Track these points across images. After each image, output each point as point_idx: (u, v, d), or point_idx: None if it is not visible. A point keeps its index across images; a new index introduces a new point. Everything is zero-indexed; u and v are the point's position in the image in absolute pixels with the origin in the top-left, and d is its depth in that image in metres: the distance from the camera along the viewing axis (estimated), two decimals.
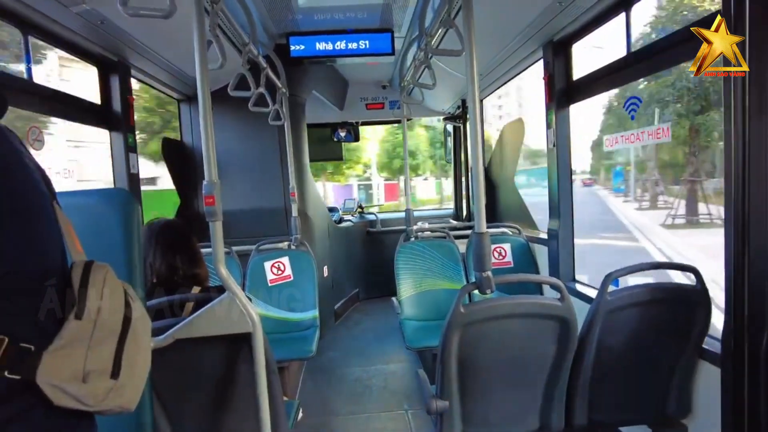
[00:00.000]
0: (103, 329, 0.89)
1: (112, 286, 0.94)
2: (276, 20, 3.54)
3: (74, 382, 0.84)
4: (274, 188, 4.16)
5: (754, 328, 1.58)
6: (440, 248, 3.61)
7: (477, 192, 1.75)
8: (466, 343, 1.66)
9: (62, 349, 0.84)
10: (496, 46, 3.36)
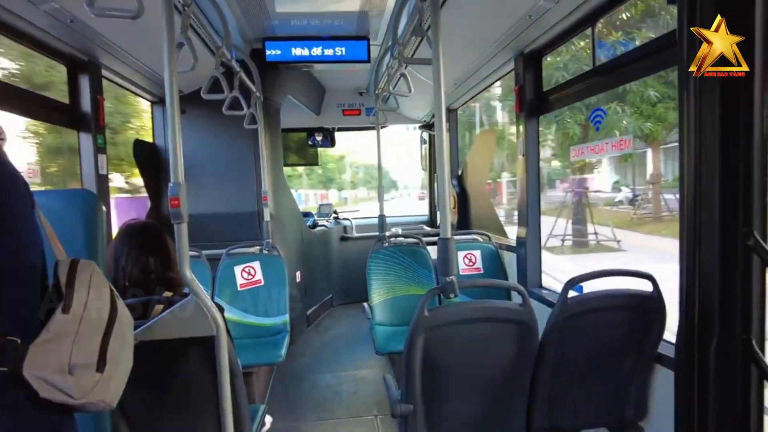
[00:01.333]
0: (88, 324, 0.92)
1: (98, 283, 0.98)
2: (252, 25, 3.55)
3: (61, 374, 0.86)
4: (247, 192, 4.13)
5: (704, 334, 1.64)
6: (412, 254, 3.64)
7: (442, 199, 1.79)
8: (430, 346, 1.69)
9: (49, 343, 0.87)
10: (469, 56, 3.43)
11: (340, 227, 5.95)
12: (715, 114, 1.57)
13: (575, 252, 11.54)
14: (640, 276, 1.90)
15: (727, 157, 1.56)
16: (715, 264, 1.60)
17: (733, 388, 1.60)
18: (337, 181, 35.98)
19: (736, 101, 1.53)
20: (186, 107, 3.93)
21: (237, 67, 2.97)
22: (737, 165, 1.55)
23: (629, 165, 20.85)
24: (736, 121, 1.54)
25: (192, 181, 4.00)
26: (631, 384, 1.96)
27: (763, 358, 1.53)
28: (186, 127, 3.96)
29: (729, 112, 1.55)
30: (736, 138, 1.54)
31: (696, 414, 1.68)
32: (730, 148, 1.56)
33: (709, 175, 1.60)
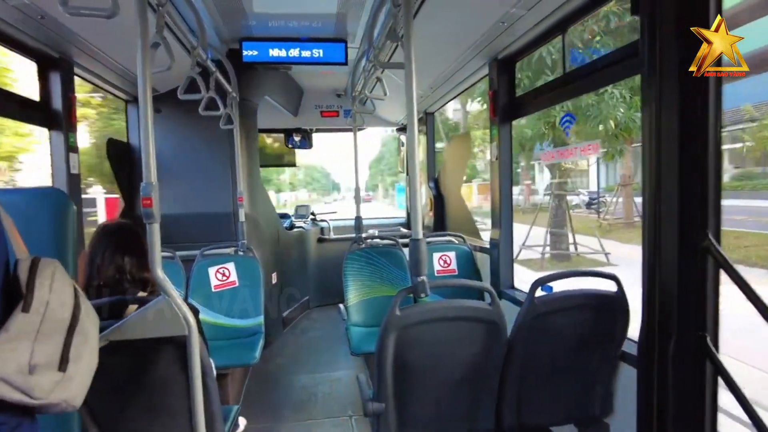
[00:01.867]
0: (50, 322, 0.91)
1: (61, 281, 0.96)
2: (229, 25, 3.53)
3: (20, 374, 0.85)
4: (222, 192, 4.10)
5: (664, 332, 1.72)
6: (388, 256, 3.67)
7: (413, 201, 1.82)
8: (402, 346, 1.72)
9: (8, 342, 0.85)
10: (444, 61, 3.49)
11: (317, 229, 5.94)
12: (675, 122, 1.65)
13: (559, 267, 10.56)
14: (605, 277, 1.96)
15: (685, 163, 1.64)
16: (675, 265, 1.68)
17: (690, 384, 1.67)
18: (274, 182, 35.62)
19: (694, 111, 1.61)
20: (161, 106, 3.89)
21: (213, 68, 2.96)
22: (694, 171, 1.62)
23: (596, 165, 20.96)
24: (693, 129, 1.62)
25: (167, 180, 3.98)
26: (597, 381, 2.02)
27: (716, 354, 1.60)
28: (161, 126, 3.92)
29: (687, 120, 1.63)
30: (694, 145, 1.62)
31: (656, 409, 1.75)
32: (688, 154, 1.63)
33: (669, 181, 1.67)
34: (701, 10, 1.57)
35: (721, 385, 1.62)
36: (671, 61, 1.65)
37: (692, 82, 1.60)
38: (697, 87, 1.60)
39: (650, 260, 1.75)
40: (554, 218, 11.07)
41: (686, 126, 1.63)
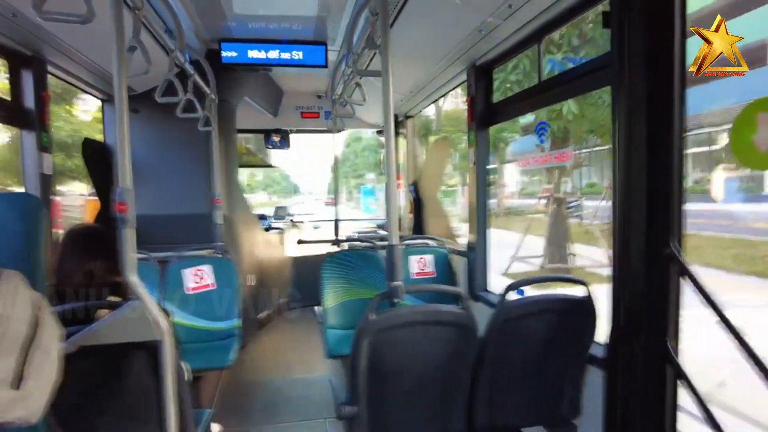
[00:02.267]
0: (10, 338, 0.88)
1: (23, 295, 0.93)
2: (208, 26, 3.51)
3: None
4: (200, 194, 4.05)
5: (631, 336, 1.77)
6: (367, 258, 3.69)
7: (389, 206, 1.84)
8: (376, 349, 1.74)
9: None
10: (423, 67, 3.52)
11: (295, 230, 5.93)
12: (642, 133, 1.71)
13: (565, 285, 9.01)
14: (574, 282, 2.01)
15: (652, 172, 1.70)
16: (641, 271, 1.74)
17: (654, 386, 1.73)
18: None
19: (660, 122, 1.67)
20: (139, 106, 3.84)
21: (191, 70, 2.94)
22: (661, 180, 1.69)
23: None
24: (659, 140, 1.68)
25: (144, 181, 3.93)
26: (566, 384, 2.07)
27: (677, 358, 1.66)
28: (139, 126, 3.87)
29: (654, 131, 1.69)
30: (660, 155, 1.68)
31: (622, 411, 1.80)
32: (655, 164, 1.70)
33: (637, 190, 1.74)
34: (667, 26, 1.64)
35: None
36: (639, 73, 1.71)
37: (658, 95, 1.67)
38: (663, 100, 1.66)
39: (618, 266, 1.81)
40: (554, 226, 9.81)
41: (653, 137, 1.70)
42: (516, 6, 2.33)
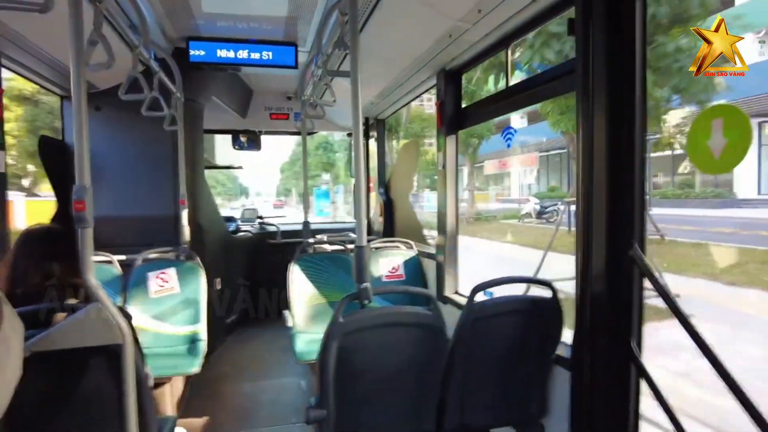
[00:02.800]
0: None
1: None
2: (176, 23, 3.42)
3: None
4: (165, 195, 3.95)
5: (595, 336, 1.82)
6: (337, 261, 3.67)
7: (358, 208, 1.83)
8: (344, 352, 1.73)
9: None
10: (394, 70, 3.53)
11: (264, 233, 5.84)
12: (605, 138, 1.75)
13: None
14: (540, 283, 2.05)
15: (614, 177, 1.75)
16: (604, 273, 1.78)
17: (618, 385, 1.78)
18: None
19: (622, 128, 1.72)
20: (101, 104, 3.72)
21: (156, 67, 2.86)
22: (623, 184, 1.73)
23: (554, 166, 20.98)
24: (621, 145, 1.73)
25: (107, 181, 3.80)
26: (534, 384, 2.11)
27: (640, 357, 1.71)
28: (101, 124, 3.74)
29: (616, 136, 1.74)
30: (622, 160, 1.73)
31: (588, 410, 1.84)
32: (617, 169, 1.74)
33: (600, 193, 1.78)
34: (629, 35, 1.69)
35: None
36: (602, 80, 1.75)
37: (621, 101, 1.72)
38: (625, 106, 1.71)
39: (582, 268, 1.85)
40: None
41: (615, 142, 1.74)
42: (485, 11, 2.36)
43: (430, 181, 18.93)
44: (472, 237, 14.10)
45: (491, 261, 9.94)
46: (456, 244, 3.38)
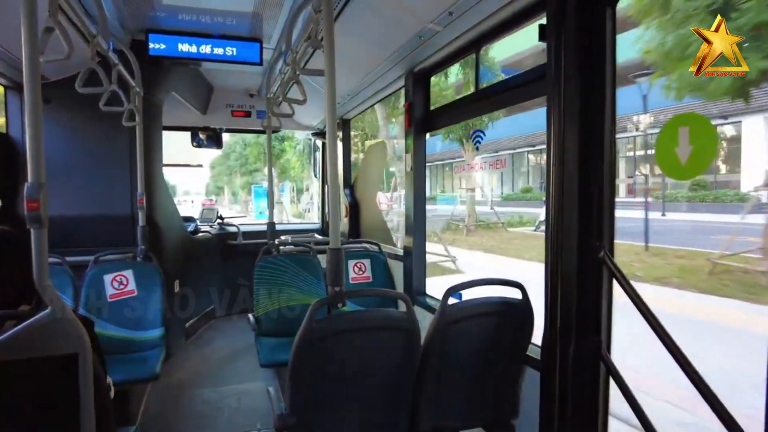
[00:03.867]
0: None
1: None
2: (134, 14, 3.27)
3: None
4: (121, 194, 3.76)
5: (565, 337, 1.85)
6: (302, 263, 3.60)
7: (332, 210, 1.80)
8: (317, 357, 1.69)
9: None
10: (362, 70, 3.50)
11: (224, 233, 5.68)
12: (575, 142, 1.78)
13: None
14: (511, 285, 2.07)
15: (584, 180, 1.78)
16: (574, 275, 1.81)
17: (587, 385, 1.81)
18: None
19: (593, 133, 1.76)
20: (51, 96, 3.50)
21: (115, 59, 2.73)
22: (593, 188, 1.77)
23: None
24: (591, 148, 1.77)
25: (57, 179, 3.59)
26: (505, 385, 2.13)
27: (609, 357, 1.75)
28: (50, 118, 3.53)
29: (586, 141, 1.77)
30: (592, 163, 1.77)
31: (558, 409, 1.87)
32: (587, 173, 1.78)
33: (570, 196, 1.81)
34: (599, 41, 1.73)
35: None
36: (573, 85, 1.78)
37: (591, 106, 1.76)
38: (596, 111, 1.75)
39: (552, 270, 1.88)
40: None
41: (585, 146, 1.78)
42: (457, 14, 2.37)
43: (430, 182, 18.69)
44: (482, 253, 12.12)
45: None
46: (423, 244, 3.38)
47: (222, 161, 36.41)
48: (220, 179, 40.78)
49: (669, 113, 12.07)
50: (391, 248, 4.04)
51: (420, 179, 3.34)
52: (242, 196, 33.92)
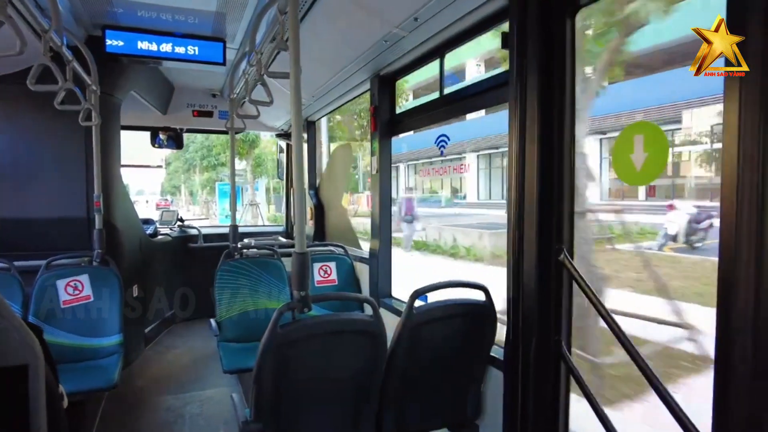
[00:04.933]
0: None
1: None
2: (90, 8, 3.14)
3: None
4: (75, 195, 3.61)
5: (526, 337, 1.90)
6: (266, 266, 3.55)
7: (298, 213, 1.78)
8: (283, 363, 1.67)
9: None
10: (327, 72, 3.49)
11: (185, 236, 5.54)
12: (536, 147, 1.84)
13: None
14: (475, 287, 2.11)
15: (544, 185, 1.84)
16: (534, 276, 1.86)
17: (548, 382, 1.87)
18: None
19: (552, 138, 1.82)
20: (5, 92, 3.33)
21: (69, 56, 2.62)
22: (552, 192, 1.83)
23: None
24: (551, 154, 1.82)
25: (3, 179, 3.41)
26: (469, 385, 2.16)
27: (569, 356, 1.81)
28: None
29: (547, 146, 1.83)
30: (552, 168, 1.82)
31: (520, 408, 1.92)
32: (548, 178, 1.83)
33: (530, 200, 1.86)
34: (560, 49, 1.79)
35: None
36: (534, 91, 1.84)
37: (552, 112, 1.81)
38: (556, 117, 1.81)
39: (514, 272, 1.93)
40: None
41: (545, 151, 1.83)
42: (422, 20, 2.40)
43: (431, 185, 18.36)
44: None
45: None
46: (389, 247, 3.40)
47: (178, 155, 30.24)
48: (176, 177, 35.65)
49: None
50: (356, 251, 4.04)
51: (385, 182, 3.35)
52: (202, 196, 30.42)
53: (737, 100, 1.18)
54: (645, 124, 1.55)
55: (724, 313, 1.17)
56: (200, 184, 29.93)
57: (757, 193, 1.12)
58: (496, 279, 2.22)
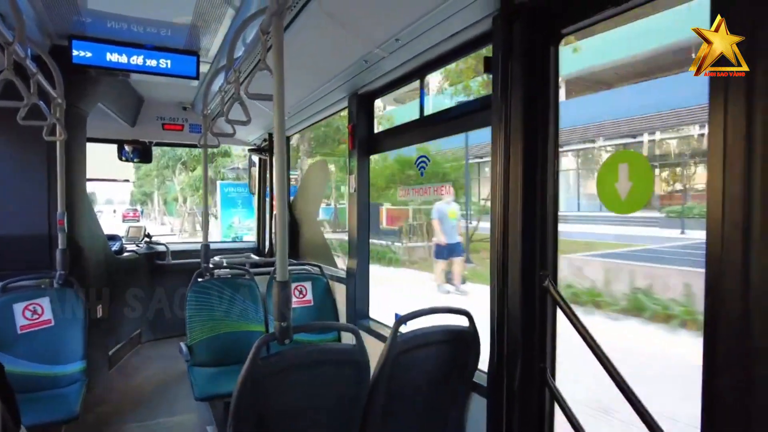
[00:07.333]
0: None
1: None
2: (56, 17, 3.01)
3: None
4: (36, 212, 3.42)
5: (510, 363, 1.87)
6: (239, 287, 3.43)
7: (280, 236, 1.72)
8: (263, 395, 1.60)
9: None
10: (305, 89, 3.44)
11: (152, 253, 5.34)
12: (519, 172, 1.83)
13: None
14: (458, 313, 2.08)
15: (528, 210, 1.83)
16: (518, 302, 1.85)
17: (533, 411, 1.84)
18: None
19: (536, 163, 1.81)
20: None
21: (34, 68, 2.49)
22: (536, 218, 1.82)
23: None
24: (535, 179, 1.82)
25: None
26: (452, 412, 2.12)
27: (554, 383, 1.79)
28: None
29: (530, 171, 1.82)
30: (536, 193, 1.82)
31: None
32: (531, 202, 1.83)
33: (514, 226, 1.85)
34: (544, 74, 1.80)
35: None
36: (517, 116, 1.84)
37: (535, 138, 1.82)
38: (538, 140, 1.81)
39: (498, 297, 1.91)
40: None
41: (529, 176, 1.83)
42: (403, 41, 2.39)
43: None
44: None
45: None
46: (367, 267, 3.35)
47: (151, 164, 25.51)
48: (148, 182, 32.51)
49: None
50: (332, 269, 3.97)
51: (363, 200, 3.31)
52: (182, 206, 26.40)
53: (722, 102, 1.21)
54: (630, 153, 1.57)
55: (712, 320, 1.18)
56: (188, 186, 24.54)
57: (743, 198, 1.13)
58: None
